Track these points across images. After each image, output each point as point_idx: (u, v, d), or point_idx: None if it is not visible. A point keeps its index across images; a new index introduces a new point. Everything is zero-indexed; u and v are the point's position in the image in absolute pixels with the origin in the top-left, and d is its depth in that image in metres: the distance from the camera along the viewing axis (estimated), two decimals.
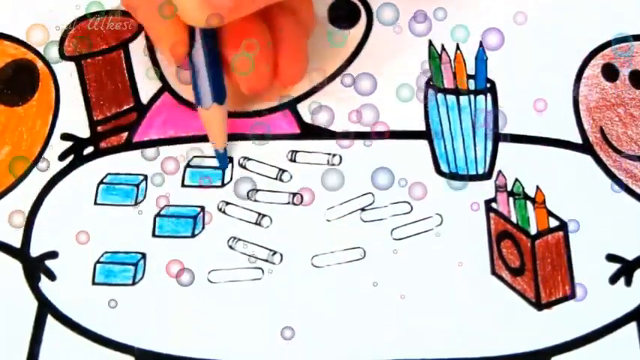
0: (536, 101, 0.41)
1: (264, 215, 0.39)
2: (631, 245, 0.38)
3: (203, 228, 0.39)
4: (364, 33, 0.43)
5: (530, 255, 0.38)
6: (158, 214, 0.39)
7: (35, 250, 0.38)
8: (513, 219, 0.38)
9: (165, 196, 0.39)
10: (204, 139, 0.40)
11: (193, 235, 0.39)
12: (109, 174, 0.40)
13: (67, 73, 0.42)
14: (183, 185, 0.40)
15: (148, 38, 0.43)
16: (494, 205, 0.39)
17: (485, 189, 0.39)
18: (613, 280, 0.37)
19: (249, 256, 0.38)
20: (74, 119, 0.41)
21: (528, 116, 0.41)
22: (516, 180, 0.39)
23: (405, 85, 0.41)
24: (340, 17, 0.43)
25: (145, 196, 0.39)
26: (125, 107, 0.42)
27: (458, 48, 0.42)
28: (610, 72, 0.41)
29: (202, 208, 0.39)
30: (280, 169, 0.40)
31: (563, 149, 0.40)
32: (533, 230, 0.38)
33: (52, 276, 0.38)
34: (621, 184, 0.39)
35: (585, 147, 0.40)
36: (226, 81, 0.38)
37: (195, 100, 0.38)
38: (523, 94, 0.41)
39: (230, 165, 0.40)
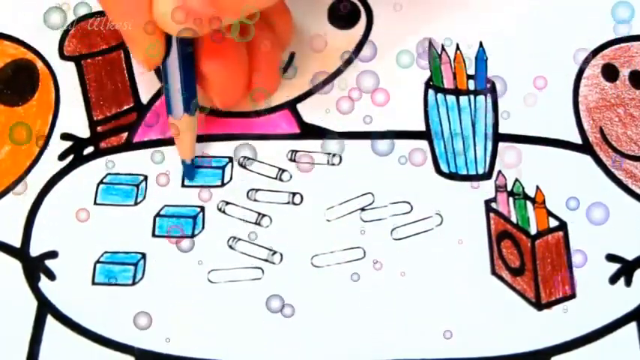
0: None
1: (264, 215, 0.39)
2: (631, 245, 0.38)
3: (203, 228, 0.39)
4: (364, 33, 0.43)
5: (530, 255, 0.38)
6: (158, 214, 0.39)
7: (35, 250, 0.38)
8: (513, 219, 0.38)
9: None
10: (203, 139, 0.40)
11: (193, 235, 0.39)
12: (109, 174, 0.40)
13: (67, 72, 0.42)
14: (183, 185, 0.40)
15: None
16: (494, 205, 0.39)
17: (486, 189, 0.39)
18: (613, 280, 0.37)
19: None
20: (74, 119, 0.41)
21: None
22: (516, 180, 0.39)
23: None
24: (340, 17, 0.43)
25: (144, 196, 0.39)
26: (125, 107, 0.42)
27: (458, 48, 0.42)
28: (610, 72, 0.41)
29: (202, 208, 0.39)
30: (280, 169, 0.40)
31: (563, 149, 0.40)
32: (533, 230, 0.38)
33: (51, 276, 0.38)
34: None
35: (585, 147, 0.40)
36: (199, 92, 0.38)
37: (167, 109, 0.38)
38: (522, 93, 0.41)
39: (230, 164, 0.40)
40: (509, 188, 0.39)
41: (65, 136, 0.41)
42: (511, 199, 0.39)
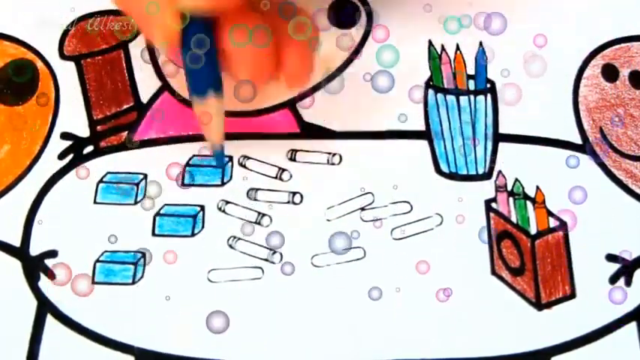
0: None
1: (264, 214, 0.39)
2: (631, 245, 0.38)
3: (203, 227, 0.39)
4: (364, 33, 0.43)
5: (530, 255, 0.38)
6: (158, 214, 0.39)
7: (35, 249, 0.38)
8: (513, 219, 0.38)
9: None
10: (203, 138, 0.40)
11: (193, 235, 0.39)
12: (109, 173, 0.40)
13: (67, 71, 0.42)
14: (183, 185, 0.40)
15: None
16: (494, 205, 0.39)
17: (486, 189, 0.39)
18: (613, 280, 0.37)
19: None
20: (74, 119, 0.41)
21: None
22: (516, 180, 0.39)
23: None
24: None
25: (144, 195, 0.39)
26: (125, 106, 0.42)
27: (458, 48, 0.42)
28: (610, 72, 0.41)
29: (202, 208, 0.39)
30: (280, 169, 0.40)
31: (563, 149, 0.40)
32: (533, 230, 0.38)
33: (51, 275, 0.38)
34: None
35: (585, 147, 0.40)
36: (223, 74, 0.36)
37: (190, 93, 0.36)
38: (523, 95, 0.41)
39: (230, 164, 0.40)
40: (509, 188, 0.39)
41: (65, 136, 0.41)
42: (511, 199, 0.39)
